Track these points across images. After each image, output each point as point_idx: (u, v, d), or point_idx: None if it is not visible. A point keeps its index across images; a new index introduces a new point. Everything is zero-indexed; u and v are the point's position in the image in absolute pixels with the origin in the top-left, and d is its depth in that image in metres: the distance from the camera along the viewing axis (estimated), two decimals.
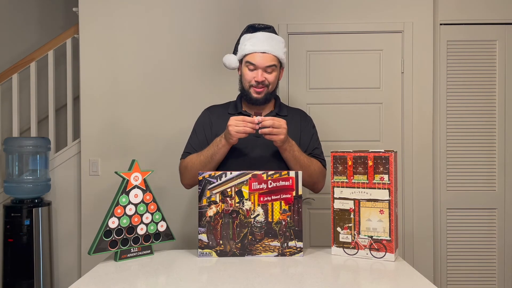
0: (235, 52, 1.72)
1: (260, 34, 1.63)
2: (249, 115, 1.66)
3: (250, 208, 1.38)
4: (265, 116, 1.67)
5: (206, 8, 2.59)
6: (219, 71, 2.52)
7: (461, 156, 2.61)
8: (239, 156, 1.61)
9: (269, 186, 1.38)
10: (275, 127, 1.46)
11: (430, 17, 2.57)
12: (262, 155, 1.62)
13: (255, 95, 1.63)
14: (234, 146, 1.57)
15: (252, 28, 1.68)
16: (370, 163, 1.36)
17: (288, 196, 1.39)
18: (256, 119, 1.46)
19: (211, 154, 1.56)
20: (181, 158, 1.71)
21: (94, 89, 2.60)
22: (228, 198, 1.39)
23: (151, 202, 1.44)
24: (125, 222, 1.38)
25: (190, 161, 1.63)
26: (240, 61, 1.68)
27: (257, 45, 1.60)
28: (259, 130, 1.46)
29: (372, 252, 1.36)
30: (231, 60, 1.69)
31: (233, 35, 2.05)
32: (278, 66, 1.65)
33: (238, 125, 1.46)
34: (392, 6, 2.58)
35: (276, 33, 1.69)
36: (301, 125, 1.73)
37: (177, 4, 2.59)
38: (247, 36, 1.66)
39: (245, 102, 1.72)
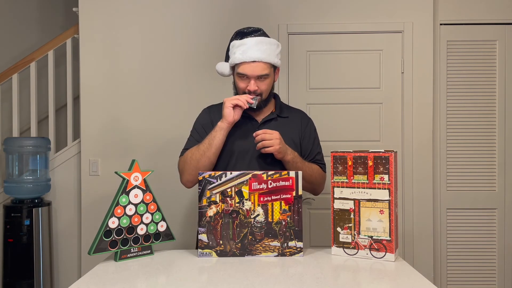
0: (227, 59, 1.68)
1: (249, 40, 1.55)
2: (250, 117, 1.66)
3: (250, 208, 1.38)
4: (264, 118, 1.67)
5: (206, 8, 2.59)
6: None
7: (461, 156, 2.61)
8: (239, 161, 1.61)
9: (269, 186, 1.38)
10: (266, 139, 1.48)
11: (430, 17, 2.57)
12: (263, 162, 1.61)
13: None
14: (238, 150, 1.57)
15: (240, 34, 1.60)
16: (370, 163, 1.36)
17: (288, 196, 1.39)
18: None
19: (209, 140, 1.55)
20: (180, 155, 1.68)
21: (94, 89, 2.60)
22: (228, 198, 1.39)
23: (151, 202, 1.44)
24: (125, 222, 1.38)
25: (189, 153, 1.60)
26: (232, 67, 1.64)
27: (246, 53, 1.53)
28: (257, 146, 1.51)
29: (372, 252, 1.36)
30: (224, 68, 1.66)
31: None
32: (272, 72, 1.60)
33: (232, 99, 1.52)
34: (392, 6, 2.58)
35: (266, 35, 1.62)
36: (302, 128, 1.71)
37: (177, 4, 2.59)
38: (236, 43, 1.58)
39: None
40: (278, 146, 1.48)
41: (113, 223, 1.36)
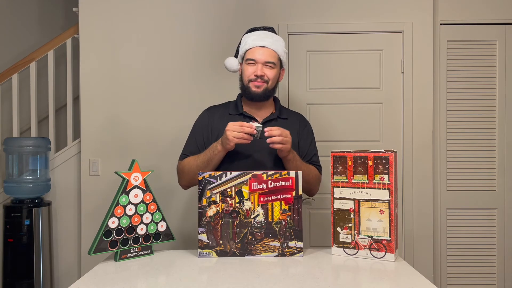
0: (236, 54, 1.75)
1: (261, 32, 1.67)
2: (250, 116, 1.67)
3: (250, 208, 1.38)
4: (265, 118, 1.68)
5: (206, 8, 2.59)
6: (218, 71, 2.52)
7: (461, 156, 2.61)
8: (240, 160, 1.61)
9: (269, 186, 1.38)
10: (283, 136, 1.47)
11: (430, 17, 2.57)
12: (263, 160, 1.62)
13: (254, 89, 1.63)
14: (237, 150, 1.57)
15: (253, 29, 1.71)
16: (370, 163, 1.36)
17: (288, 196, 1.39)
18: (254, 125, 1.47)
19: (208, 159, 1.57)
20: (179, 159, 1.71)
21: (94, 89, 2.60)
22: (228, 198, 1.39)
23: (151, 202, 1.44)
24: (125, 222, 1.38)
25: (187, 164, 1.64)
26: (242, 60, 1.70)
27: (257, 40, 1.64)
28: (267, 139, 1.46)
29: (372, 252, 1.36)
30: (232, 62, 1.72)
31: (233, 35, 2.04)
32: (278, 64, 1.66)
33: (236, 130, 1.47)
34: (392, 6, 2.58)
35: (276, 33, 1.72)
36: (300, 130, 1.74)
37: (177, 4, 2.59)
38: (248, 34, 1.69)
39: (245, 102, 1.72)
40: (289, 145, 1.50)
41: (113, 223, 1.36)
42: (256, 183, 1.38)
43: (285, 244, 1.38)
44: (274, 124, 1.66)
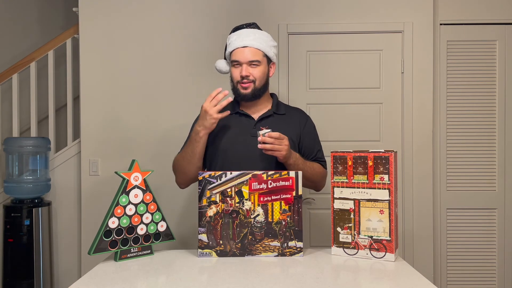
0: (225, 56, 1.74)
1: (242, 31, 1.64)
2: (246, 115, 1.67)
3: (250, 208, 1.38)
4: (261, 115, 1.67)
5: (206, 8, 2.59)
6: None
7: (461, 156, 2.61)
8: (235, 160, 1.61)
9: (269, 186, 1.38)
10: (275, 144, 1.45)
11: (430, 17, 2.57)
12: (260, 161, 1.61)
13: (242, 91, 1.62)
14: (238, 155, 1.58)
15: (236, 28, 1.69)
16: (370, 163, 1.36)
17: (288, 196, 1.39)
18: (261, 133, 1.46)
19: (191, 148, 1.58)
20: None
21: (94, 89, 2.60)
22: (228, 198, 1.39)
23: (151, 202, 1.44)
24: (125, 222, 1.38)
25: (176, 161, 1.68)
26: (229, 61, 1.69)
27: (238, 40, 1.61)
28: (259, 145, 1.45)
29: (372, 252, 1.36)
30: (221, 65, 1.72)
31: None
32: (265, 61, 1.64)
33: (212, 103, 1.51)
34: (392, 6, 2.58)
35: (259, 29, 1.70)
36: (301, 126, 1.71)
37: (177, 4, 2.59)
38: (232, 35, 1.67)
39: (242, 102, 1.71)
40: (285, 152, 1.47)
41: (113, 223, 1.36)
42: (256, 183, 1.38)
43: (285, 244, 1.38)
44: (271, 120, 1.65)
